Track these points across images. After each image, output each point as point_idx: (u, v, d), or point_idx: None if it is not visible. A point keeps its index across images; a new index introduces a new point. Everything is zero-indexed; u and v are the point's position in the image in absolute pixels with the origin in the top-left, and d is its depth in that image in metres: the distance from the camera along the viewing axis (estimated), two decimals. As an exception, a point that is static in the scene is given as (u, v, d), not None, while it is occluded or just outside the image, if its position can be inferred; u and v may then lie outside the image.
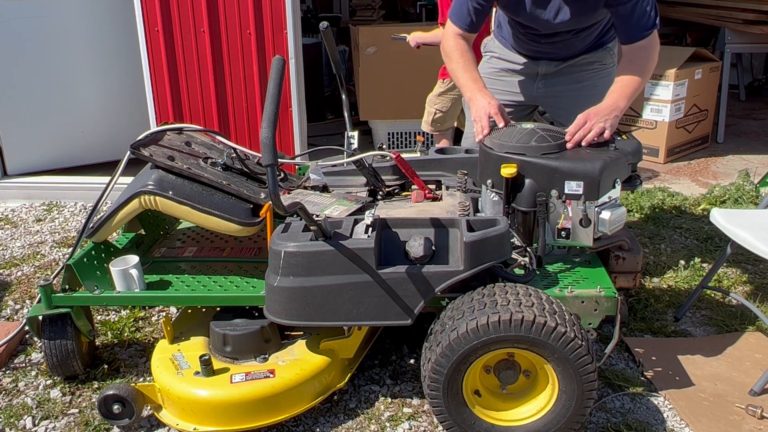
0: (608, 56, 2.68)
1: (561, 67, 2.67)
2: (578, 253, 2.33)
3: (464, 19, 2.51)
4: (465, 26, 2.53)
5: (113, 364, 2.55)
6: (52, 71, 4.40)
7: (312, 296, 2.01)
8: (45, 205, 4.28)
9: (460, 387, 1.98)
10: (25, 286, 3.19)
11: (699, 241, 3.52)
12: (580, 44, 2.60)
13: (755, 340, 2.64)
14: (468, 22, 2.51)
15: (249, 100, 4.02)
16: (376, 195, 2.43)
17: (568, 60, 2.65)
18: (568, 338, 1.87)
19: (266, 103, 1.83)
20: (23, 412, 2.32)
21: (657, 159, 4.87)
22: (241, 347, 2.21)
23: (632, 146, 2.25)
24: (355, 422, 2.24)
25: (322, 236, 2.01)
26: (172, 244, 2.76)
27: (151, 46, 3.91)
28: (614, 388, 2.36)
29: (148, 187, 2.30)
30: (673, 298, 2.94)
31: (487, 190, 2.26)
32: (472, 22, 2.51)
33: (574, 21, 2.44)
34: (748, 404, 2.24)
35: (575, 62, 2.65)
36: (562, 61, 2.66)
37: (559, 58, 2.66)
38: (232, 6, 3.84)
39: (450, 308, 2.01)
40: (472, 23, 2.52)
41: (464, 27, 2.53)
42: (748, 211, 2.91)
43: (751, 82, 6.86)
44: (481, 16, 2.52)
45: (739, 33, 5.20)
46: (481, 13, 2.51)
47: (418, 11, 7.70)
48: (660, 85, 4.72)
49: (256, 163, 2.61)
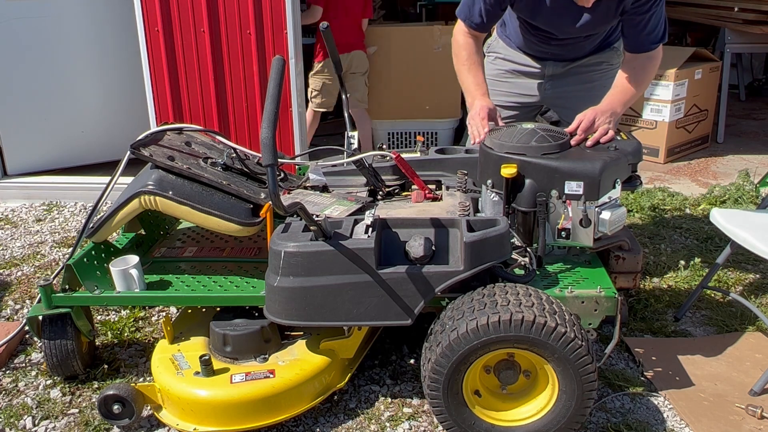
0: (615, 56, 2.67)
1: (568, 67, 2.65)
2: (578, 253, 2.33)
3: (474, 19, 2.48)
4: (475, 26, 2.50)
5: (113, 364, 2.55)
6: (52, 71, 4.40)
7: (312, 296, 2.01)
8: (45, 205, 4.28)
9: (460, 387, 1.98)
10: (25, 286, 3.19)
11: (699, 241, 3.52)
12: (588, 46, 2.60)
13: (755, 340, 2.64)
14: (478, 22, 2.49)
15: (249, 100, 4.02)
16: (376, 195, 2.43)
17: (575, 61, 2.64)
18: (568, 338, 1.87)
19: (266, 103, 1.83)
20: (23, 412, 2.32)
21: (657, 159, 4.87)
22: (241, 347, 2.21)
23: (632, 146, 2.25)
24: (355, 422, 2.24)
25: (322, 236, 2.01)
26: (172, 244, 2.76)
27: (151, 46, 3.91)
28: (614, 388, 2.36)
29: (148, 187, 2.30)
30: (673, 298, 2.95)
31: (487, 190, 2.26)
32: (483, 23, 2.49)
33: (590, 27, 2.43)
34: (748, 404, 2.24)
35: (583, 63, 2.64)
36: (570, 61, 2.65)
37: (566, 59, 2.64)
38: (232, 6, 3.84)
39: (450, 308, 2.01)
40: (482, 24, 2.49)
41: (474, 26, 2.50)
42: (748, 211, 2.91)
43: (751, 82, 6.86)
44: (492, 18, 2.50)
45: (739, 33, 5.20)
46: (492, 16, 2.48)
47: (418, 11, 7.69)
48: (660, 85, 4.72)
49: (256, 163, 2.61)
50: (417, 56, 4.77)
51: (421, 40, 4.76)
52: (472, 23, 2.49)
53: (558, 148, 2.19)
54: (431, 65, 4.77)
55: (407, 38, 4.79)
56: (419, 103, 4.84)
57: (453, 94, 4.86)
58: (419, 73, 4.77)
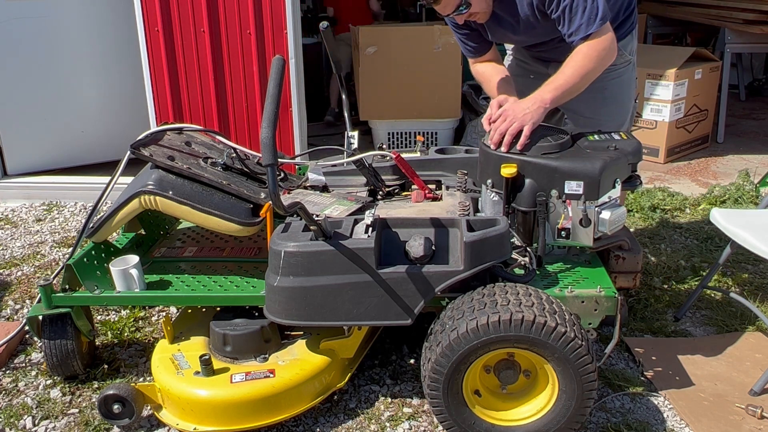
0: (619, 57, 2.63)
1: None
2: (578, 252, 2.33)
3: (466, 48, 2.54)
4: (472, 54, 2.55)
5: (113, 364, 2.55)
6: (53, 71, 4.40)
7: (312, 296, 2.01)
8: (45, 205, 4.28)
9: (460, 387, 1.98)
10: (25, 286, 3.19)
11: (699, 241, 3.52)
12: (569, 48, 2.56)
13: (755, 340, 2.64)
14: (470, 49, 2.53)
15: (249, 100, 4.02)
16: (376, 195, 2.43)
17: None
18: (568, 338, 1.87)
19: (266, 103, 1.83)
20: (23, 412, 2.32)
21: (657, 159, 4.87)
22: (241, 347, 2.21)
23: (632, 146, 2.25)
24: (355, 422, 2.24)
25: (322, 236, 2.01)
26: (172, 244, 2.76)
27: (151, 46, 3.91)
28: (614, 388, 2.36)
29: (148, 187, 2.30)
30: (673, 298, 2.95)
31: (487, 190, 2.26)
32: (474, 49, 2.53)
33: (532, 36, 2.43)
34: (748, 404, 2.24)
35: None
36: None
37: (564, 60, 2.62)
38: (232, 6, 3.84)
39: (450, 308, 2.01)
40: (474, 49, 2.53)
41: (472, 55, 2.55)
42: (748, 211, 2.91)
43: (751, 82, 6.86)
44: (475, 41, 2.51)
45: (739, 33, 5.20)
46: (472, 39, 2.51)
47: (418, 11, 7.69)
48: (660, 85, 4.72)
49: (256, 163, 2.61)
50: (417, 56, 4.76)
51: (421, 40, 4.76)
52: (469, 53, 2.55)
53: (558, 147, 2.19)
54: (431, 65, 4.77)
55: (407, 38, 4.79)
56: (419, 103, 4.84)
57: (453, 94, 4.86)
58: (419, 73, 4.77)
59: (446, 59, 4.74)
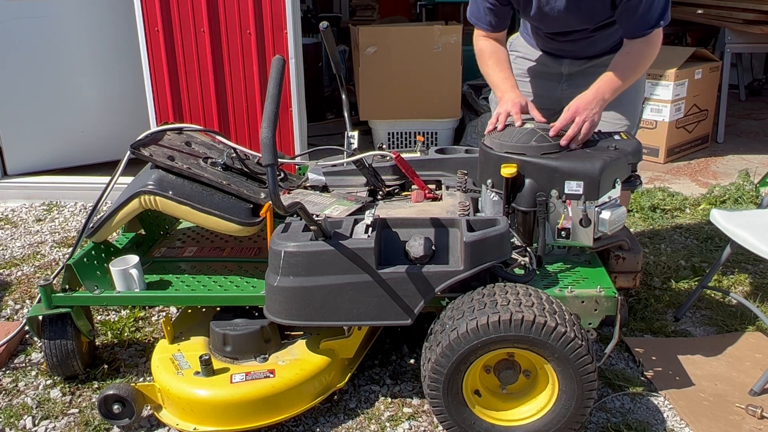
0: None
1: (586, 66, 2.57)
2: (578, 253, 2.33)
3: (483, 20, 2.46)
4: (486, 26, 2.48)
5: (113, 364, 2.55)
6: (53, 71, 4.40)
7: (312, 296, 2.01)
8: (45, 205, 4.28)
9: (460, 387, 1.98)
10: (25, 286, 3.19)
11: (699, 241, 3.52)
12: (603, 43, 2.52)
13: (755, 340, 2.64)
14: (487, 22, 2.46)
15: (249, 100, 4.02)
16: (376, 195, 2.43)
17: (593, 59, 2.56)
18: (568, 338, 1.87)
19: (266, 103, 1.83)
20: (23, 412, 2.32)
21: (657, 159, 4.87)
22: (241, 347, 2.21)
23: (632, 146, 2.25)
24: (355, 422, 2.24)
25: (322, 236, 2.01)
26: (172, 244, 2.76)
27: (151, 46, 3.91)
28: (614, 388, 2.36)
29: (148, 187, 2.30)
30: (673, 298, 2.95)
31: (487, 190, 2.26)
32: (491, 23, 2.46)
33: (580, 20, 2.37)
34: (748, 404, 2.24)
35: (601, 62, 2.53)
36: (587, 60, 2.57)
37: (583, 57, 2.58)
38: (232, 6, 3.84)
39: (450, 308, 2.01)
40: (491, 24, 2.46)
41: (486, 28, 2.48)
42: (748, 211, 2.91)
43: (751, 82, 6.85)
44: (498, 16, 2.45)
45: (739, 33, 5.20)
46: (497, 13, 2.44)
47: (418, 11, 7.70)
48: (660, 85, 4.72)
49: (256, 163, 2.61)
50: (417, 56, 4.76)
51: (421, 40, 4.76)
52: (484, 24, 2.47)
53: (558, 147, 2.19)
54: (431, 65, 4.77)
55: (407, 38, 4.78)
56: (419, 103, 4.84)
57: (453, 94, 4.86)
58: (419, 73, 4.77)
59: (446, 59, 4.74)
